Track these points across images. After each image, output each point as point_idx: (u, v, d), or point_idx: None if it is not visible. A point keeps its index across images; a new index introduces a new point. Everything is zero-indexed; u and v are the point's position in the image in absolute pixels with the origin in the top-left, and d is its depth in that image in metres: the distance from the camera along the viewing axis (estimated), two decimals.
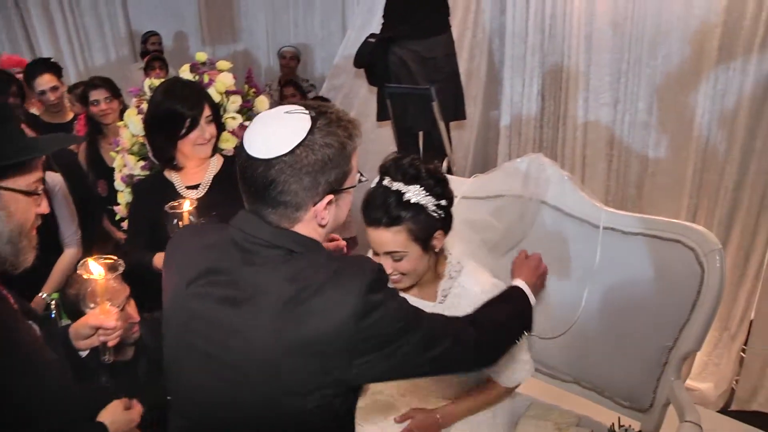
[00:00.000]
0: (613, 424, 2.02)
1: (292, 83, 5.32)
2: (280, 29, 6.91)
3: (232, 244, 1.38)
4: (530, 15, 4.32)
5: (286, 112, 1.34)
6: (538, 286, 1.88)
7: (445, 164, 4.05)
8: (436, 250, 1.88)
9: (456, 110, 4.16)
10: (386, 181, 1.81)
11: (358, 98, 5.31)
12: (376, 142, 5.18)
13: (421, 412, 2.04)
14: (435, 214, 1.80)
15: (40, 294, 2.85)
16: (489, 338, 1.56)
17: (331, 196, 1.33)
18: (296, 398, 1.32)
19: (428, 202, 1.78)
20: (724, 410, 3.41)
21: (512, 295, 1.77)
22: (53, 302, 2.76)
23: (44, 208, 1.59)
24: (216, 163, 2.59)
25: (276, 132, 1.31)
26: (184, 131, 2.41)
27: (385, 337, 1.32)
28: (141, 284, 2.42)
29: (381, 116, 4.41)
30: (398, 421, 2.04)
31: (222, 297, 1.36)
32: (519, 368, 2.02)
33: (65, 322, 1.84)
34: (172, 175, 2.57)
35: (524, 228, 2.26)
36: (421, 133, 4.31)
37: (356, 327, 1.26)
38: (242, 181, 1.35)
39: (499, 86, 4.81)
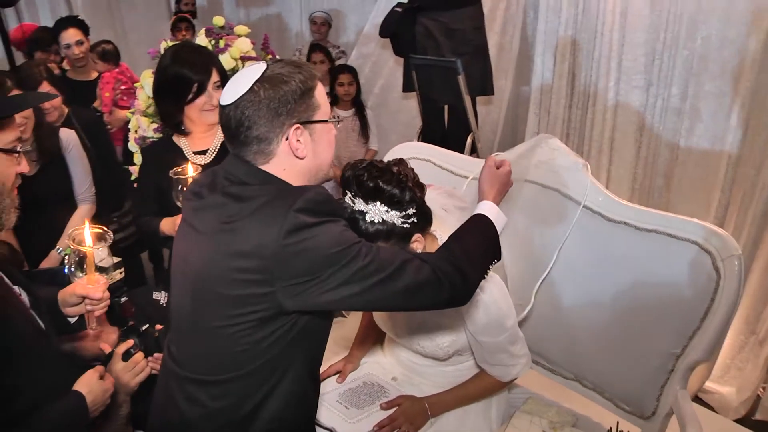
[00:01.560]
0: (610, 428, 1.92)
1: (319, 48, 5.17)
2: None
3: (217, 178, 1.53)
4: None
5: (246, 69, 1.50)
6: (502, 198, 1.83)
7: (469, 140, 3.95)
8: (419, 251, 1.76)
9: (483, 85, 4.05)
10: (348, 198, 1.71)
11: (386, 68, 5.22)
12: (403, 113, 5.12)
13: (409, 399, 1.98)
14: (404, 226, 1.70)
15: (54, 249, 2.87)
16: (454, 271, 1.50)
17: (298, 125, 1.44)
18: (233, 315, 1.42)
19: (393, 217, 1.68)
20: (747, 418, 3.23)
21: (478, 224, 1.67)
22: (67, 257, 2.79)
23: (24, 167, 1.58)
24: None
25: (237, 81, 1.46)
26: (191, 96, 2.38)
27: (318, 261, 1.36)
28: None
29: (407, 87, 4.36)
30: (384, 408, 1.98)
31: (194, 207, 1.56)
32: (515, 362, 1.95)
33: (79, 275, 1.89)
34: (180, 140, 2.54)
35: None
36: (446, 107, 4.21)
37: (282, 242, 1.34)
38: (222, 131, 1.51)
39: (530, 62, 4.64)
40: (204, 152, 2.51)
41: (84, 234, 1.81)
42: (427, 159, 2.49)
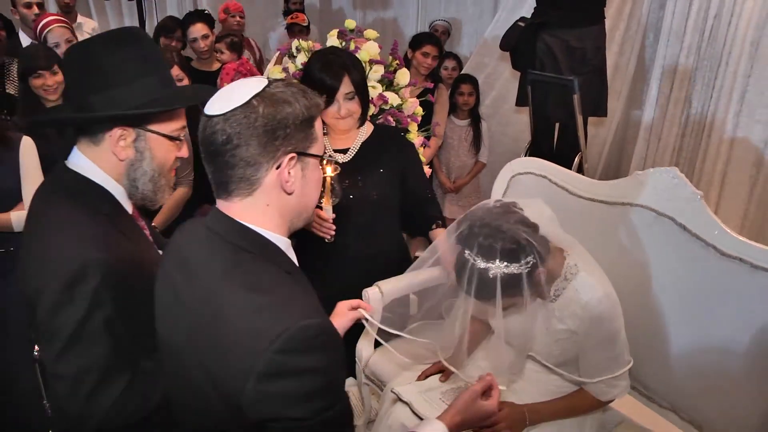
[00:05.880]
0: None
1: (453, 56, 5.11)
2: (432, 1, 6.83)
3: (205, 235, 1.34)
4: (691, 12, 4.09)
5: (243, 80, 1.30)
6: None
7: (577, 159, 3.97)
8: (543, 284, 1.84)
9: (597, 106, 4.05)
10: (468, 254, 1.79)
11: (500, 80, 5.27)
12: (512, 126, 5.15)
13: (509, 404, 2.02)
14: (527, 270, 1.77)
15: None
16: None
17: (293, 155, 1.25)
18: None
19: (514, 269, 1.76)
20: None
21: None
22: None
23: (184, 152, 1.69)
24: (367, 129, 2.59)
25: (232, 91, 1.25)
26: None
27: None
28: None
29: (520, 101, 4.38)
30: None
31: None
32: (616, 385, 1.98)
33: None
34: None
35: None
36: (557, 125, 4.24)
37: (254, 384, 1.14)
38: (202, 146, 1.27)
39: (645, 85, 4.61)
40: (345, 151, 2.55)
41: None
42: (544, 175, 2.55)
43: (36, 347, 2.49)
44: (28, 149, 2.77)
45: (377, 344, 2.61)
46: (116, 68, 1.54)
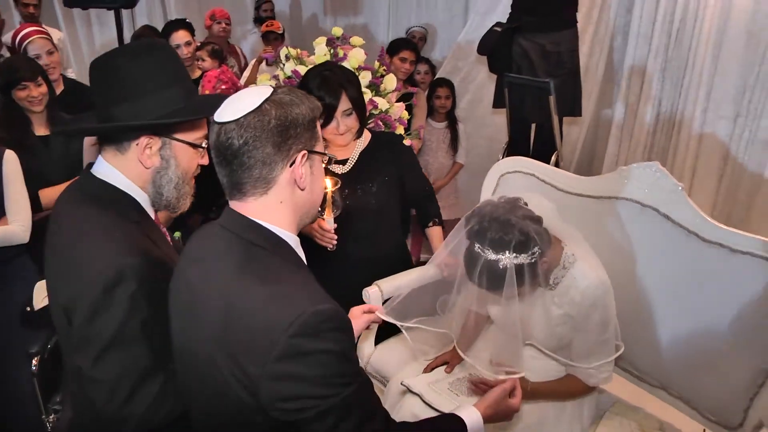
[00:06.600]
0: None
1: (425, 60, 5.13)
2: (403, 7, 6.89)
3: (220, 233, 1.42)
4: (658, 16, 4.28)
5: (248, 89, 1.39)
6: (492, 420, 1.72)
7: (553, 158, 4.09)
8: (544, 272, 1.96)
9: (572, 106, 4.19)
10: (477, 248, 1.90)
11: (474, 83, 5.38)
12: (490, 127, 5.27)
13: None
14: (533, 261, 1.89)
15: None
16: None
17: (304, 152, 1.35)
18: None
19: (522, 260, 1.87)
20: None
21: (453, 428, 1.58)
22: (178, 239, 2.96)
23: (206, 159, 1.72)
24: (364, 139, 2.66)
25: (240, 100, 1.34)
26: (321, 122, 2.43)
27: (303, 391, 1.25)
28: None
29: (497, 103, 4.47)
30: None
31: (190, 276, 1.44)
32: (603, 370, 2.10)
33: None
34: None
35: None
36: (534, 125, 4.37)
37: (272, 367, 1.22)
38: (216, 151, 1.35)
39: (615, 85, 4.78)
40: (344, 162, 2.61)
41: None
42: (532, 173, 2.66)
43: (35, 361, 2.55)
44: (11, 163, 2.78)
45: (378, 341, 2.71)
46: (141, 79, 1.58)
